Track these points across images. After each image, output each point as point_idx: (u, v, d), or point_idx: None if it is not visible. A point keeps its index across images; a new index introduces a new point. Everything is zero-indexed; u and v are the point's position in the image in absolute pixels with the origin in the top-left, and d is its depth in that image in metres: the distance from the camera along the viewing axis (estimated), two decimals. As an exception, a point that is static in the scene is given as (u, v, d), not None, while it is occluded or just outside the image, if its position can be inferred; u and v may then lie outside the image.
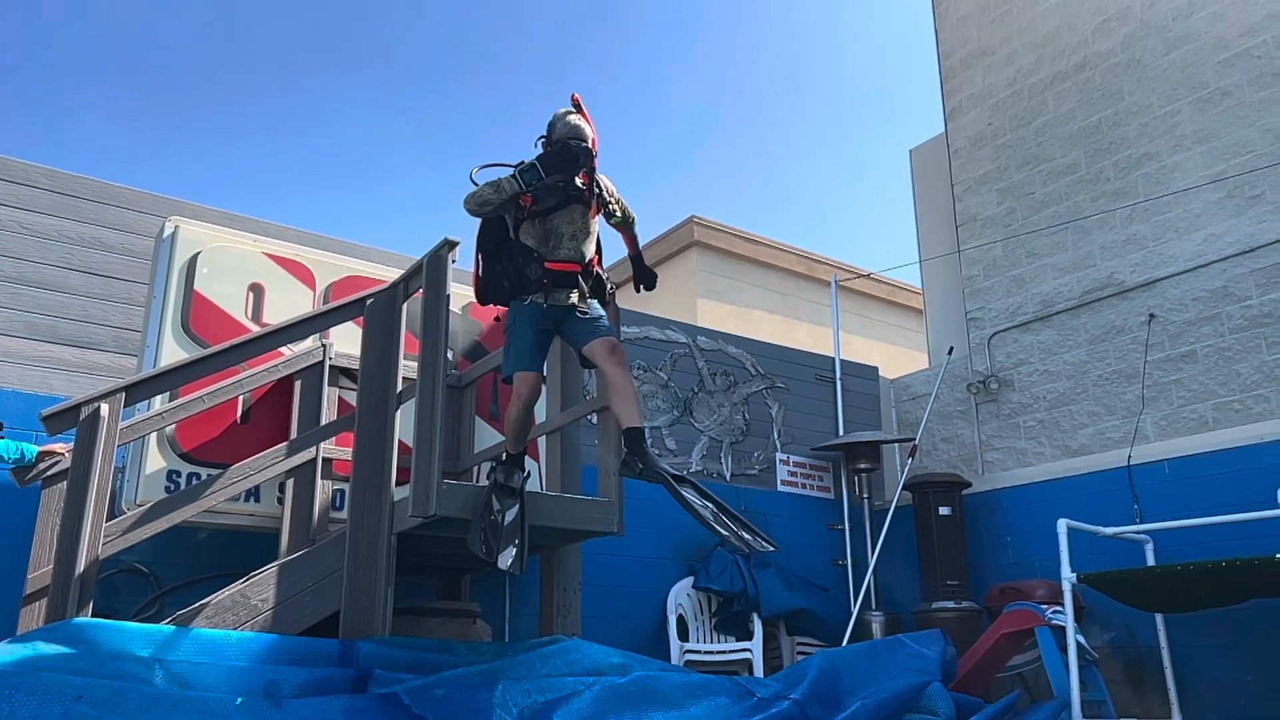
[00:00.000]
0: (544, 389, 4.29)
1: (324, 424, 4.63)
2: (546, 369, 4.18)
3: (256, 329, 4.63)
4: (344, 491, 4.59)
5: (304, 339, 4.64)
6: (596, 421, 4.44)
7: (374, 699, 3.35)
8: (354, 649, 3.64)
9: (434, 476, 3.73)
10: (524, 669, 3.78)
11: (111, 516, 4.02)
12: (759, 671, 5.79)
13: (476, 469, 5.07)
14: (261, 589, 3.89)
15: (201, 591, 4.29)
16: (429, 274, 4.06)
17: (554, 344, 4.24)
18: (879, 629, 6.41)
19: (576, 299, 3.98)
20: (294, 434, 4.59)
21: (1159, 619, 5.41)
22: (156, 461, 4.44)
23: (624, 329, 6.27)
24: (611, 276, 4.25)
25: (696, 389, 6.96)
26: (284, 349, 4.62)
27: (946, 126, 8.01)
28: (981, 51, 7.83)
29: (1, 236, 5.02)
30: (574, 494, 4.55)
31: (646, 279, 4.35)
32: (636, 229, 4.32)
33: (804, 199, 26.88)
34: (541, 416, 4.61)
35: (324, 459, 4.59)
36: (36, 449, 4.08)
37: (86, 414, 3.83)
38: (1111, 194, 6.68)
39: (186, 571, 4.72)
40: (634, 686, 3.72)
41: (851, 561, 7.03)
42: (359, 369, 4.40)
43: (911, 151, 8.61)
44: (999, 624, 5.04)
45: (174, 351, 4.54)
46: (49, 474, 4.07)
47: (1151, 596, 5.06)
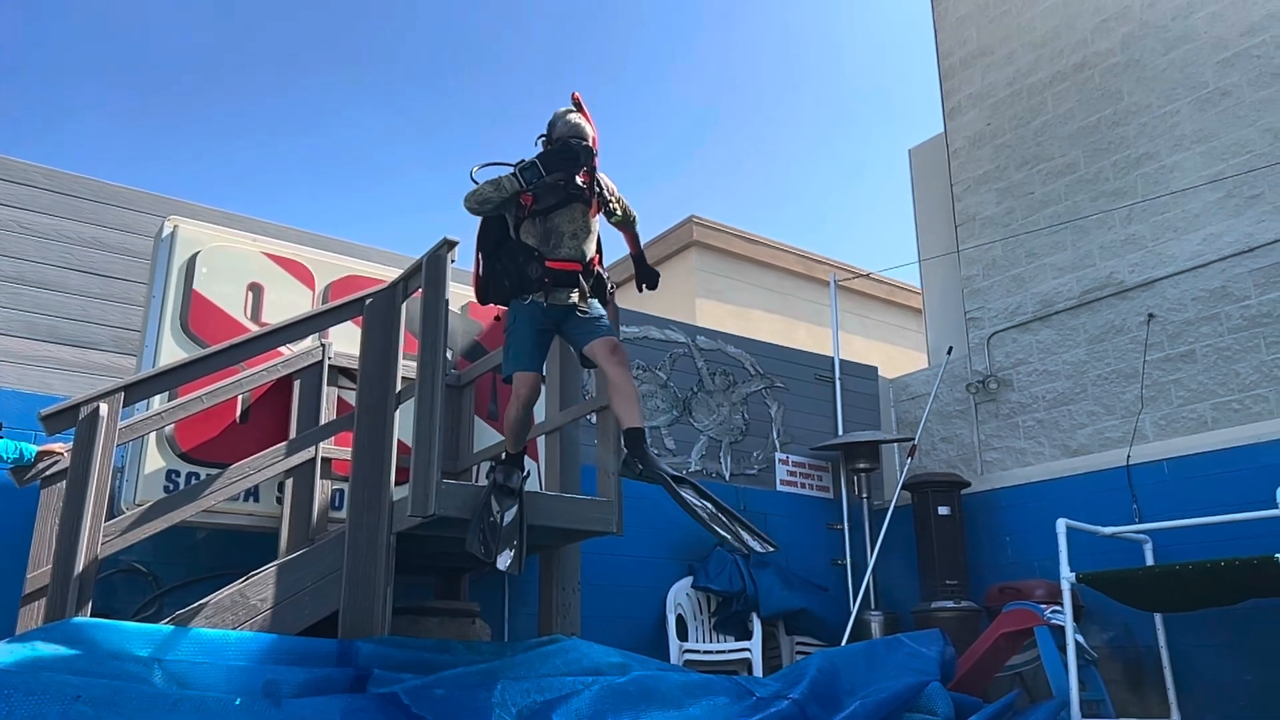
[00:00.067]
0: (543, 389, 4.28)
1: (323, 424, 4.63)
2: (546, 369, 4.17)
3: (255, 329, 4.62)
4: (343, 491, 4.59)
5: (303, 339, 4.64)
6: (596, 421, 4.44)
7: (373, 699, 3.35)
8: (353, 649, 3.64)
9: (433, 476, 3.73)
10: (523, 669, 3.78)
11: (110, 516, 4.02)
12: (758, 671, 5.79)
13: (476, 468, 5.07)
14: (260, 589, 3.89)
15: (200, 591, 4.29)
16: (428, 274, 4.06)
17: (553, 343, 4.23)
18: (878, 629, 6.41)
19: (577, 298, 3.98)
20: (293, 434, 4.58)
21: (1158, 618, 5.41)
22: (155, 461, 4.43)
23: (623, 328, 6.27)
24: (611, 276, 4.25)
25: (696, 389, 6.96)
26: (283, 349, 4.62)
27: (946, 126, 8.01)
28: (981, 51, 7.83)
29: (0, 236, 5.01)
30: (573, 494, 4.55)
31: (649, 278, 4.33)
32: (638, 228, 4.31)
33: (803, 198, 26.90)
34: (541, 416, 4.61)
35: (323, 459, 4.59)
36: (35, 449, 4.09)
37: (85, 414, 3.83)
38: (1111, 194, 6.68)
39: (185, 571, 4.71)
40: (633, 686, 3.72)
41: (851, 561, 7.03)
42: (358, 369, 4.40)
43: (911, 151, 8.61)
44: (998, 623, 5.05)
45: (173, 351, 4.54)
46: (48, 474, 4.07)
47: (1150, 596, 5.06)
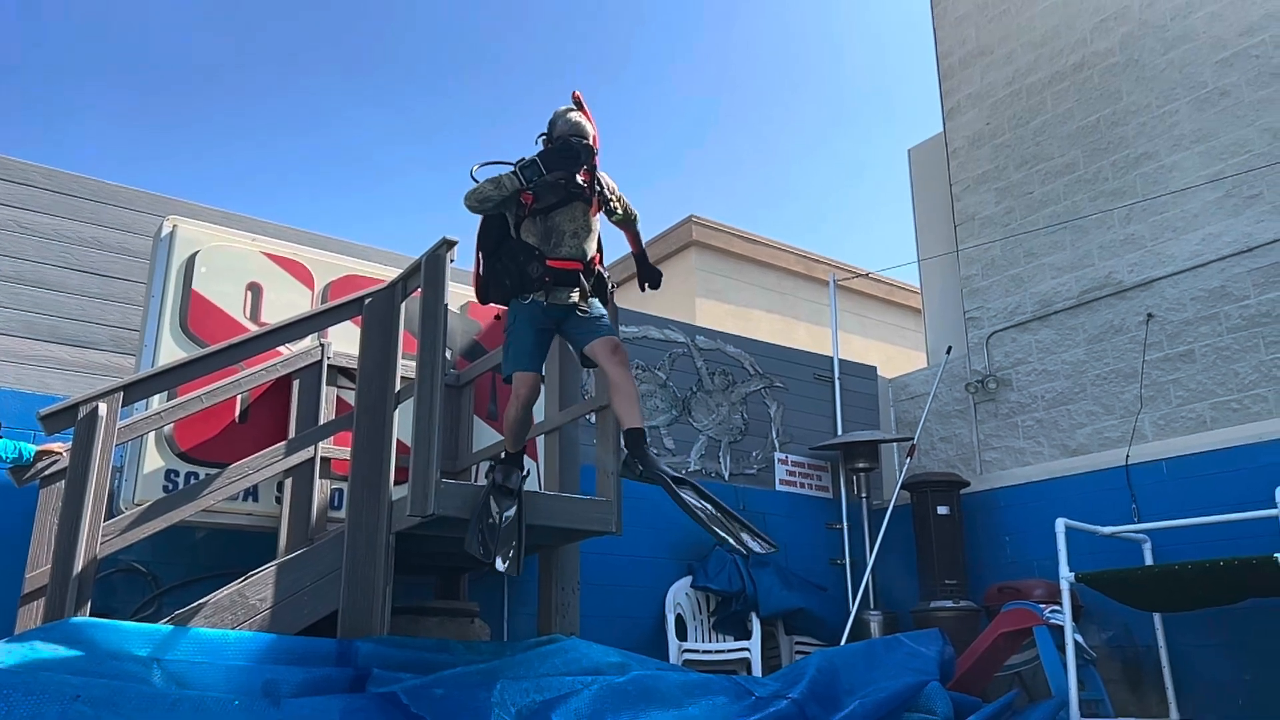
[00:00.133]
0: (543, 389, 4.28)
1: (322, 423, 4.62)
2: (545, 369, 4.17)
3: (255, 328, 4.62)
4: (342, 491, 4.59)
5: (302, 338, 4.64)
6: (595, 421, 4.44)
7: (372, 698, 3.35)
8: (352, 648, 3.64)
9: (432, 476, 3.73)
10: (522, 668, 3.78)
11: (109, 516, 4.02)
12: (757, 671, 5.79)
13: (475, 468, 5.07)
14: (260, 588, 3.88)
15: (199, 591, 4.29)
16: (427, 273, 4.05)
17: (552, 343, 4.23)
18: (877, 628, 6.41)
19: (578, 297, 3.98)
20: (292, 433, 4.58)
21: (1157, 618, 5.42)
22: (155, 461, 4.43)
23: (622, 328, 6.27)
24: (610, 275, 4.24)
25: (695, 388, 6.96)
26: (282, 348, 4.62)
27: (945, 126, 8.01)
28: (980, 51, 7.83)
29: (0, 235, 5.02)
30: (572, 493, 4.55)
31: (651, 277, 4.31)
32: (639, 226, 4.29)
33: (803, 198, 26.91)
34: (540, 416, 4.61)
35: (322, 458, 4.59)
36: (34, 448, 4.08)
37: (84, 413, 3.83)
38: (1110, 193, 6.68)
39: (184, 571, 4.71)
40: (632, 686, 3.72)
41: (850, 561, 7.03)
42: (357, 368, 4.40)
43: (910, 151, 8.61)
44: (997, 623, 5.05)
45: (172, 351, 4.54)
46: (47, 473, 4.06)
47: (1149, 596, 5.06)
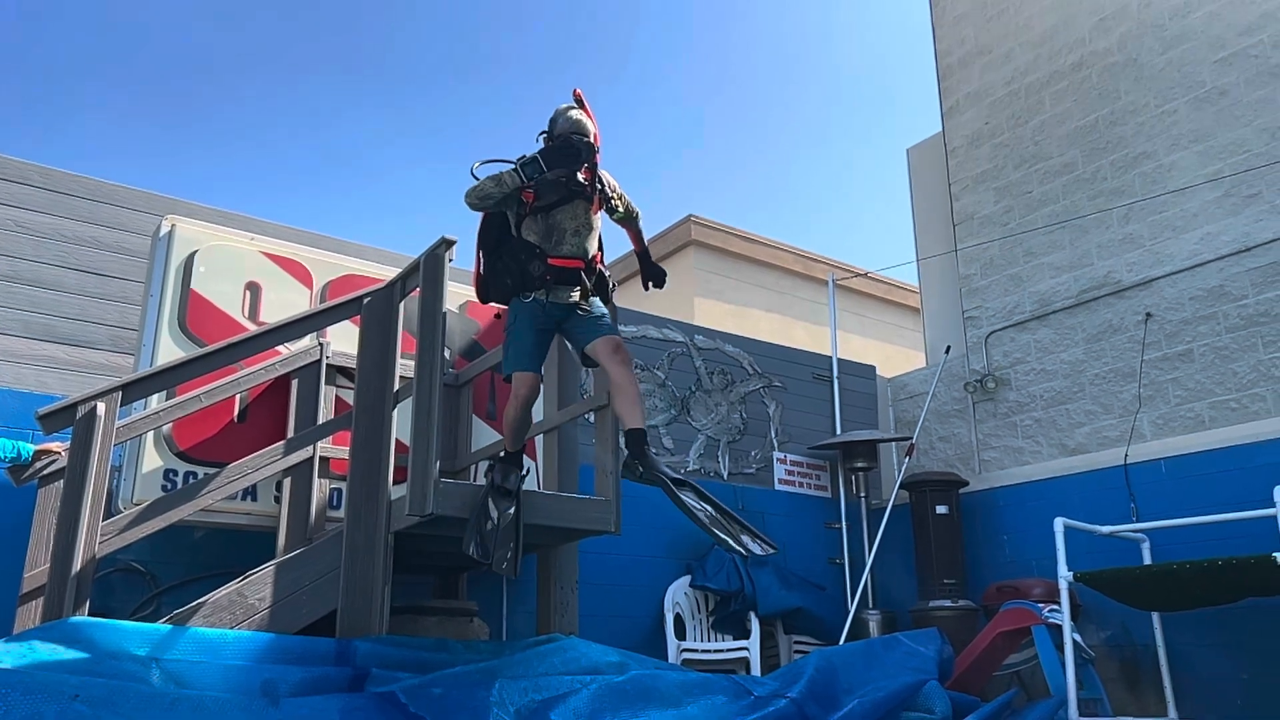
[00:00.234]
0: (542, 388, 4.27)
1: (321, 423, 4.62)
2: (544, 368, 4.16)
3: (253, 327, 4.62)
4: (341, 490, 4.58)
5: (301, 338, 4.63)
6: (594, 420, 4.43)
7: (371, 698, 3.35)
8: (351, 648, 3.64)
9: (431, 475, 3.73)
10: (521, 667, 3.78)
11: (108, 515, 4.01)
12: (756, 670, 5.79)
13: (474, 467, 5.07)
14: (258, 588, 3.88)
15: (198, 590, 4.28)
16: (426, 273, 4.05)
17: (551, 342, 4.22)
18: (876, 627, 6.41)
19: (579, 296, 3.97)
20: (291, 433, 4.58)
21: (1155, 617, 5.42)
22: (153, 460, 4.43)
23: (621, 328, 6.24)
24: (612, 274, 4.23)
25: (694, 388, 6.96)
26: (281, 348, 4.61)
27: (944, 125, 8.01)
28: (979, 50, 7.83)
29: (-3, 235, 5.01)
30: (571, 493, 4.55)
31: (655, 276, 4.28)
32: (640, 224, 4.27)
33: (801, 197, 26.91)
34: (539, 415, 4.60)
35: (321, 458, 4.58)
36: (33, 448, 4.08)
37: (83, 413, 3.82)
38: (1108, 193, 6.69)
39: (183, 570, 4.71)
40: (631, 685, 3.71)
41: (849, 560, 7.03)
42: (356, 368, 4.39)
43: (909, 150, 8.60)
44: (996, 622, 5.05)
45: (170, 350, 4.53)
46: (45, 473, 4.06)
47: (1148, 595, 5.06)
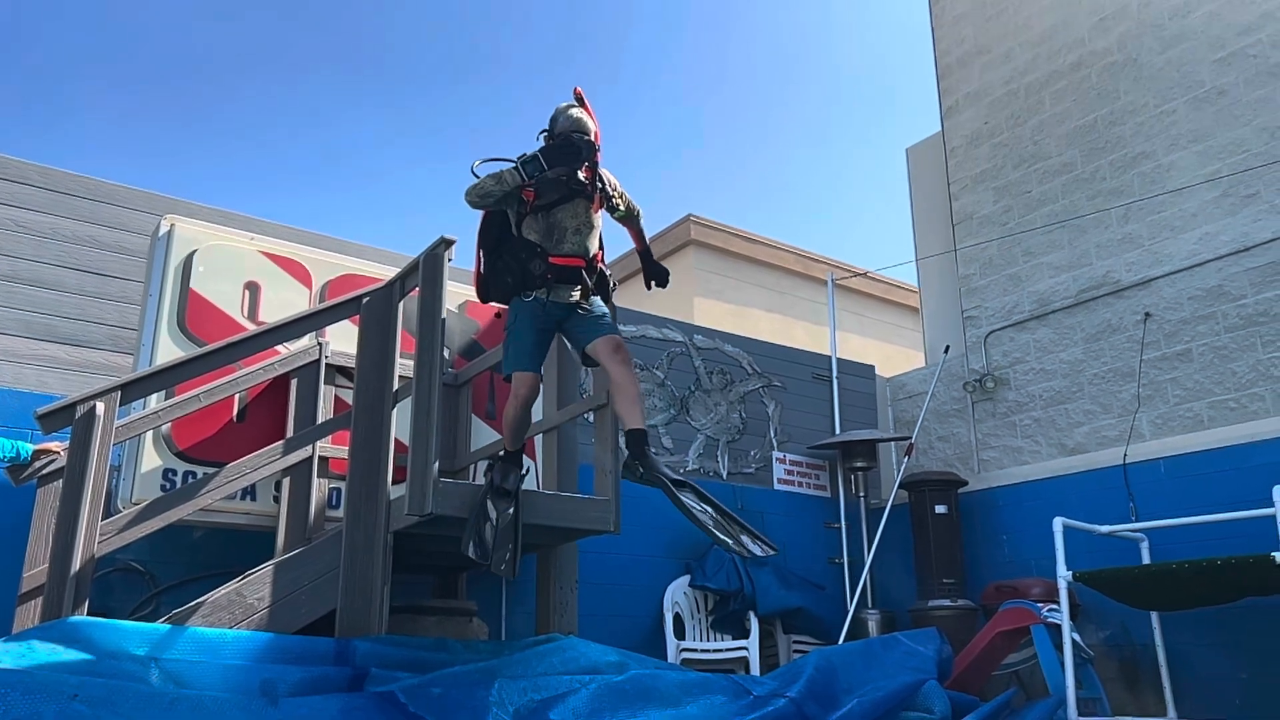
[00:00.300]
0: (542, 388, 4.27)
1: (320, 422, 4.62)
2: (544, 367, 4.16)
3: (252, 327, 4.62)
4: (340, 490, 4.58)
5: (300, 337, 4.63)
6: (594, 420, 4.43)
7: (370, 697, 3.35)
8: (350, 647, 3.64)
9: (430, 475, 3.73)
10: (520, 667, 3.78)
11: (107, 515, 4.01)
12: (755, 670, 5.79)
13: (473, 467, 5.07)
14: (257, 587, 3.88)
15: (197, 590, 4.28)
16: (425, 272, 4.05)
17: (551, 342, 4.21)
18: (875, 627, 6.42)
19: (579, 295, 3.97)
20: (290, 432, 4.58)
21: (1154, 617, 5.42)
22: (152, 460, 4.43)
23: (620, 327, 6.25)
24: (613, 273, 4.22)
25: (693, 387, 6.96)
26: (280, 347, 4.61)
27: (943, 125, 8.01)
28: (978, 50, 7.83)
29: (-4, 234, 5.01)
30: (571, 492, 4.54)
31: (658, 275, 4.27)
32: (642, 222, 4.26)
33: (800, 197, 26.91)
34: (539, 415, 4.60)
35: (320, 457, 4.58)
36: (32, 447, 4.08)
37: (82, 412, 3.82)
38: (1107, 193, 6.69)
39: (182, 570, 4.71)
40: (630, 685, 3.71)
41: (848, 560, 7.03)
42: (355, 367, 4.39)
43: (908, 150, 8.61)
44: (995, 622, 5.05)
45: (170, 350, 4.53)
46: (44, 472, 4.06)
47: (1147, 595, 5.07)
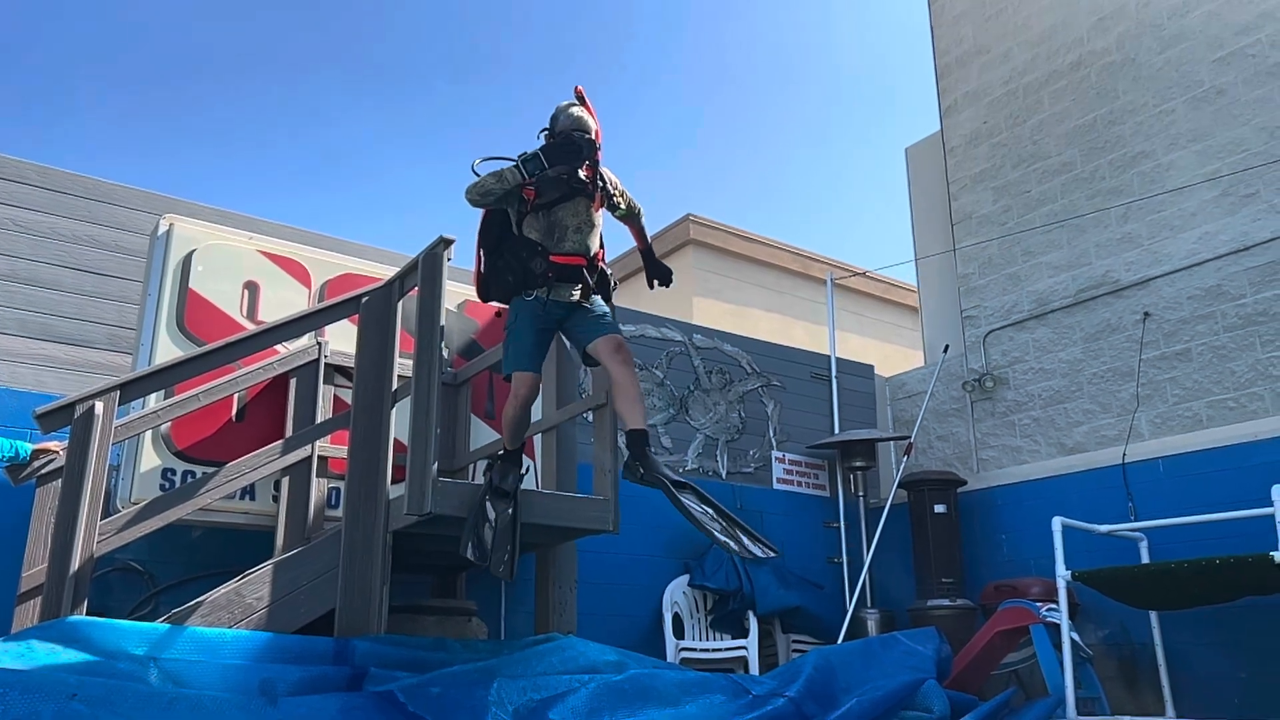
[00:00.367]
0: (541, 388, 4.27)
1: (319, 422, 4.62)
2: (543, 366, 4.15)
3: (252, 327, 4.62)
4: (339, 489, 4.59)
5: (299, 337, 4.63)
6: (593, 419, 4.43)
7: (369, 697, 3.35)
8: (349, 647, 3.64)
9: (429, 474, 3.73)
10: (519, 667, 3.78)
11: (106, 514, 4.01)
12: (754, 669, 5.79)
13: (472, 466, 5.07)
14: (256, 587, 3.88)
15: (196, 590, 4.28)
16: (424, 272, 4.05)
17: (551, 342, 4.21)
18: (874, 626, 6.42)
19: (580, 294, 3.96)
20: (289, 432, 4.58)
21: (1153, 616, 5.43)
22: (151, 459, 4.43)
23: (619, 327, 6.26)
24: (614, 272, 4.21)
25: (692, 387, 6.96)
26: (279, 347, 4.61)
27: (942, 124, 8.01)
28: (977, 50, 7.84)
29: (-5, 234, 5.01)
30: (570, 492, 4.55)
31: (661, 274, 4.25)
32: (643, 221, 4.24)
33: (800, 196, 26.92)
34: (538, 414, 4.60)
35: (319, 457, 4.58)
36: (31, 447, 4.08)
37: (81, 412, 3.82)
38: (1106, 192, 6.69)
39: (181, 570, 4.71)
40: (630, 684, 3.72)
41: (847, 559, 7.03)
42: (354, 367, 4.39)
43: (907, 150, 8.61)
44: (994, 621, 5.05)
45: (169, 349, 4.53)
46: (43, 472, 4.06)
47: (1146, 594, 5.07)
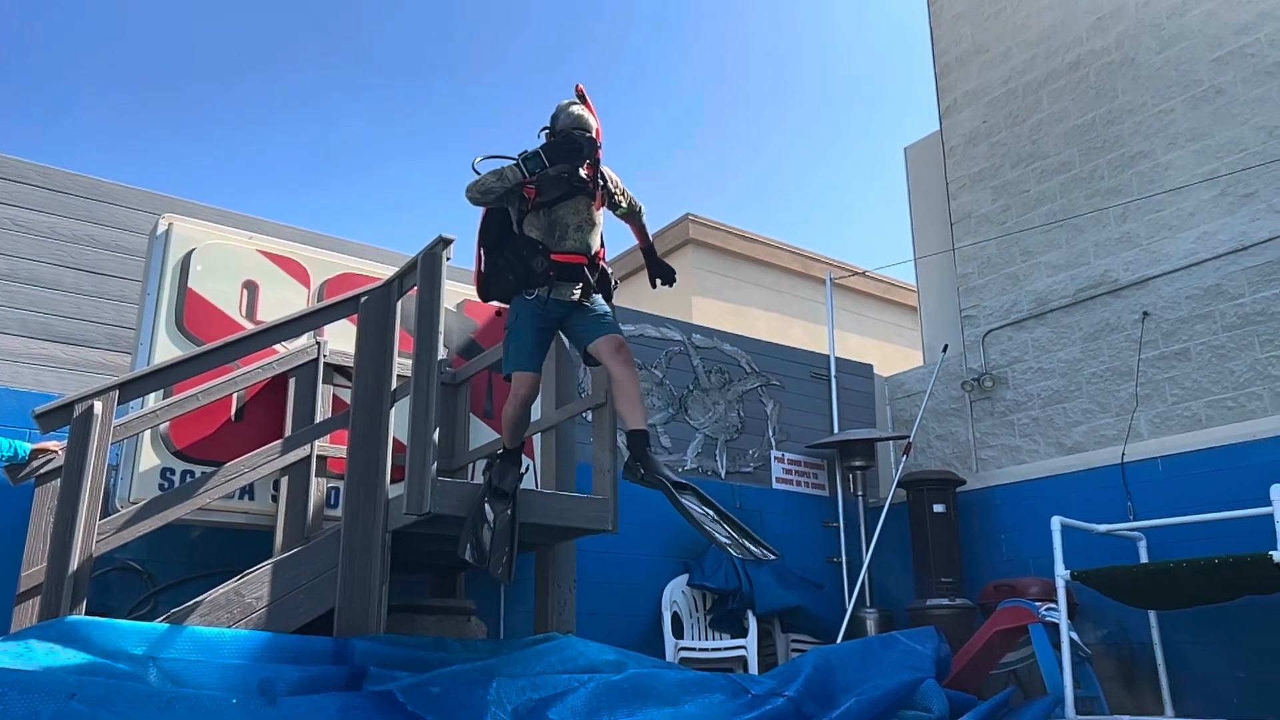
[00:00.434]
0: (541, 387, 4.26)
1: (318, 421, 4.62)
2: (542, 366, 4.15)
3: (251, 326, 4.62)
4: (338, 489, 4.59)
5: (298, 336, 4.63)
6: (592, 418, 4.43)
7: (368, 697, 3.35)
8: (348, 647, 3.64)
9: (428, 474, 3.73)
10: (519, 666, 3.78)
11: (105, 514, 4.01)
12: (754, 668, 5.79)
13: (471, 466, 5.07)
14: (256, 587, 3.88)
15: (195, 589, 4.28)
16: (424, 271, 4.05)
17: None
18: (873, 626, 6.42)
19: (580, 293, 3.96)
20: (288, 431, 4.58)
21: (1152, 616, 5.43)
22: (150, 459, 4.43)
23: (620, 326, 6.26)
24: (615, 271, 4.21)
25: (692, 386, 6.96)
26: (278, 346, 4.61)
27: (941, 124, 8.01)
28: (976, 49, 7.84)
29: (-6, 233, 5.00)
30: (569, 491, 4.55)
31: (663, 273, 4.23)
32: (644, 219, 4.23)
33: (799, 196, 26.92)
34: (538, 414, 4.60)
35: (318, 456, 4.58)
36: (30, 446, 4.08)
37: (80, 412, 3.82)
38: (1105, 192, 6.69)
39: (181, 569, 4.71)
40: (629, 684, 3.72)
41: (846, 559, 7.03)
42: (353, 366, 4.39)
43: (906, 149, 8.61)
44: (993, 621, 5.06)
45: (168, 349, 4.53)
46: (42, 472, 4.06)
47: (1144, 593, 5.07)
